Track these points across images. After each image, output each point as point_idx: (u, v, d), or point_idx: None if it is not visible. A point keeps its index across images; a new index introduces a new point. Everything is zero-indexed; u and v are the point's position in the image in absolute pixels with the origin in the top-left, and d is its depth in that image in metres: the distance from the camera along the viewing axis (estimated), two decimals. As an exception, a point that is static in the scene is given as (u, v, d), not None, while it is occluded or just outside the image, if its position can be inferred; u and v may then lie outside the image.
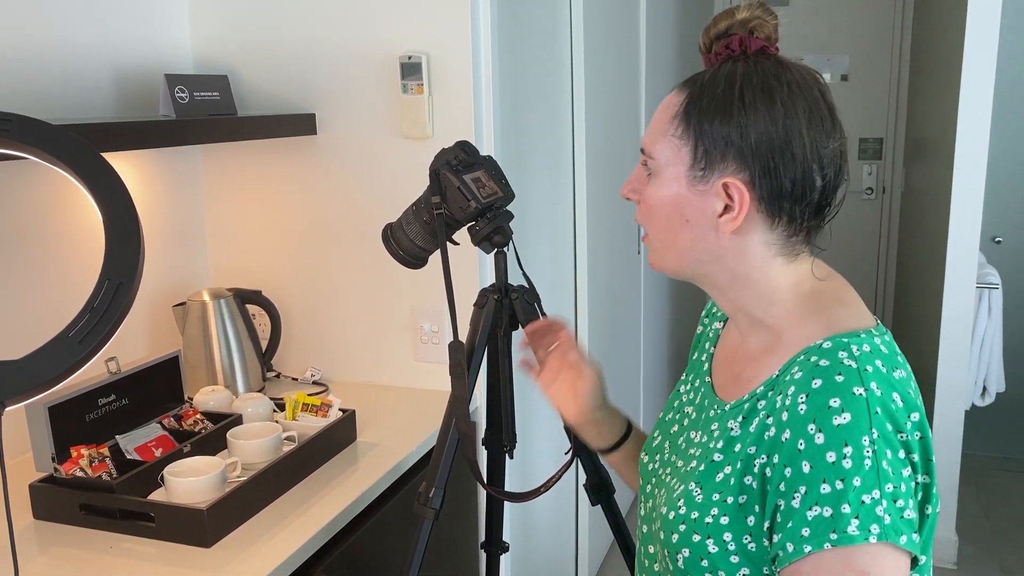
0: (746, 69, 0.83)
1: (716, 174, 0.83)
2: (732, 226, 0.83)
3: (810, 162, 0.81)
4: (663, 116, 0.88)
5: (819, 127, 0.81)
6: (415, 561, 1.29)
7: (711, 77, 0.85)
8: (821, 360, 0.79)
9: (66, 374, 0.93)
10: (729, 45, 0.85)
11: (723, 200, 0.83)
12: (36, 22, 1.56)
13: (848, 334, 0.81)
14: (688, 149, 0.85)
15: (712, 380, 0.97)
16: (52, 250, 1.62)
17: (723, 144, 0.82)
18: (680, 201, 0.86)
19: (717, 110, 0.82)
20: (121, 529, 1.28)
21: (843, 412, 0.75)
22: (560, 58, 2.29)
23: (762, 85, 0.82)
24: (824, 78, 0.86)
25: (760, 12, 0.86)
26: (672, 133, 0.86)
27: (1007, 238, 3.70)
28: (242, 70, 1.89)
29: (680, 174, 0.85)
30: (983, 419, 3.49)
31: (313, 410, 1.58)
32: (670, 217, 0.87)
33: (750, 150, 0.81)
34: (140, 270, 0.98)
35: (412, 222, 1.32)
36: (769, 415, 0.81)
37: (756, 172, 0.81)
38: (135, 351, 1.82)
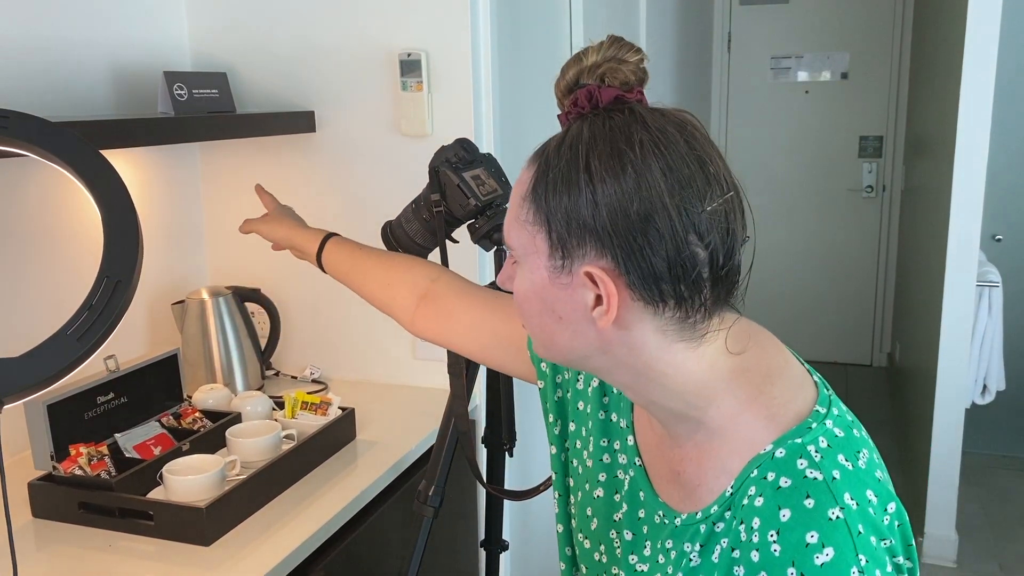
0: (592, 130, 0.69)
1: (576, 262, 0.69)
2: (608, 320, 0.69)
3: (682, 234, 0.67)
4: (515, 196, 0.74)
5: (687, 190, 0.67)
6: (415, 559, 1.29)
7: (557, 145, 0.71)
8: (781, 479, 0.67)
9: (65, 372, 0.93)
10: (576, 101, 0.72)
11: (592, 290, 0.69)
12: (35, 20, 1.56)
13: (798, 430, 0.70)
14: (543, 236, 0.71)
15: (644, 465, 0.83)
16: (50, 248, 1.62)
17: (576, 227, 0.68)
18: (546, 296, 0.73)
19: (564, 186, 0.69)
20: (120, 527, 1.28)
21: (824, 548, 0.64)
22: (559, 56, 2.29)
23: (610, 151, 0.67)
24: (697, 122, 0.72)
25: (614, 52, 0.73)
26: (524, 218, 0.72)
27: (1007, 236, 3.70)
28: (241, 67, 1.88)
29: (540, 265, 0.72)
30: (983, 417, 3.49)
31: (312, 408, 1.57)
32: (541, 312, 0.74)
33: (605, 231, 0.67)
34: (139, 268, 0.98)
35: (411, 220, 1.32)
36: (734, 547, 0.70)
37: (618, 256, 0.67)
38: (134, 349, 1.81)
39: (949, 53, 2.87)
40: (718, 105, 4.86)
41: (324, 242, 1.24)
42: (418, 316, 1.12)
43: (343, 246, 1.23)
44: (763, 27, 4.70)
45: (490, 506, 1.54)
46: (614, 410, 0.88)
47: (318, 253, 1.24)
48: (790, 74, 4.69)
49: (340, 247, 1.23)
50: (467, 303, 1.08)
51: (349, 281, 1.21)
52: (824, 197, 4.75)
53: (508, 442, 1.44)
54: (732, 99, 4.84)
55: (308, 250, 1.25)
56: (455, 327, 1.07)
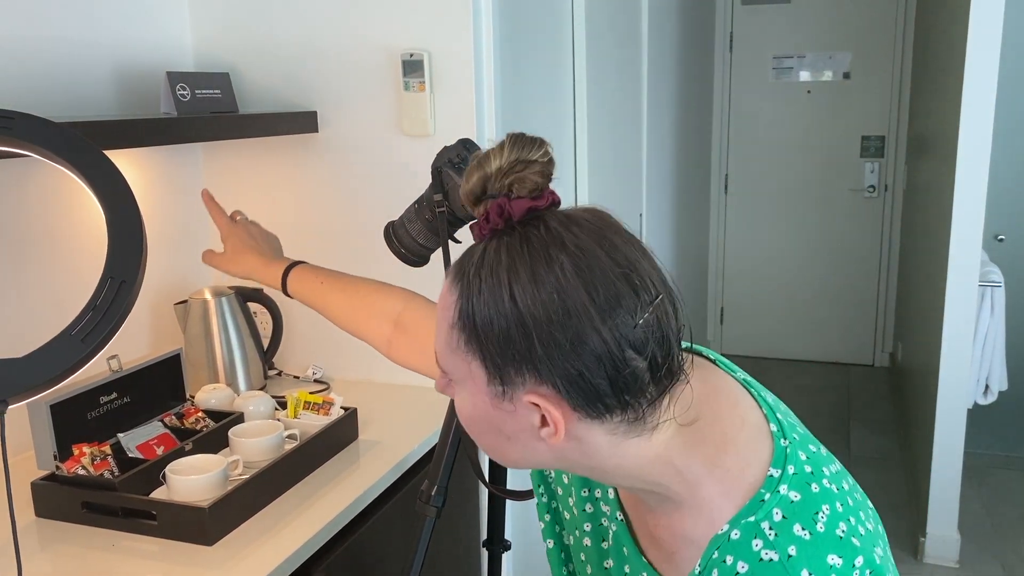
0: (510, 254, 0.66)
1: (518, 389, 0.67)
2: (557, 439, 0.68)
3: (619, 354, 0.65)
4: (442, 322, 0.71)
5: (617, 309, 0.64)
6: (417, 559, 1.29)
7: (476, 268, 0.68)
8: (739, 564, 0.67)
9: (69, 372, 0.93)
10: (489, 218, 0.68)
11: (536, 412, 0.68)
12: (38, 21, 1.56)
13: (751, 506, 0.69)
14: (478, 363, 0.68)
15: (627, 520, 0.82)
16: (54, 248, 1.62)
17: (511, 355, 0.66)
18: (490, 419, 0.71)
19: (491, 316, 0.66)
20: (123, 527, 1.28)
21: None
22: (562, 55, 2.29)
23: (532, 277, 0.65)
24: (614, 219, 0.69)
25: (516, 153, 0.69)
26: (456, 346, 0.70)
27: (1010, 236, 3.69)
28: (243, 68, 1.88)
29: (480, 391, 0.70)
30: (985, 417, 3.49)
31: (315, 408, 1.57)
32: (487, 432, 0.72)
33: (541, 361, 0.65)
34: (143, 268, 0.98)
35: (414, 220, 1.32)
36: None
37: (558, 384, 0.66)
38: (137, 349, 1.82)
39: (951, 52, 2.87)
40: (720, 105, 4.85)
41: (286, 276, 1.21)
42: (393, 348, 1.12)
43: (305, 279, 1.20)
44: (765, 27, 4.70)
45: (492, 506, 1.54)
46: None
47: (283, 288, 1.21)
48: (792, 74, 4.69)
49: (303, 280, 1.20)
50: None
51: (319, 311, 1.19)
52: (826, 197, 4.75)
53: (510, 442, 1.44)
54: (734, 99, 4.84)
55: (272, 286, 1.23)
56: (429, 358, 1.07)
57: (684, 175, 3.94)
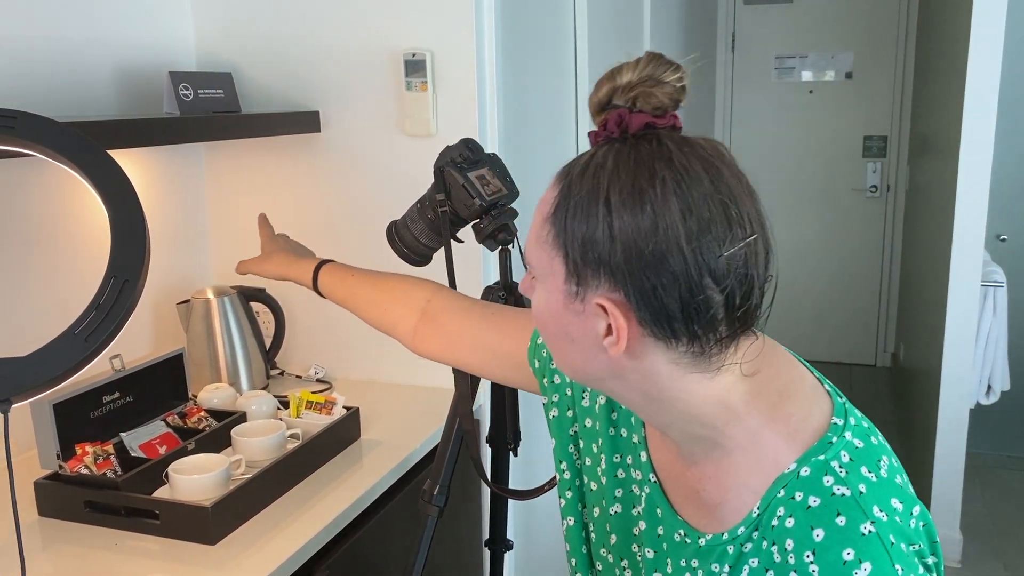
0: (616, 161, 0.67)
1: (590, 292, 0.69)
2: (617, 350, 0.69)
3: (696, 278, 0.65)
4: (537, 216, 0.73)
5: (706, 234, 0.65)
6: (419, 558, 1.29)
7: (581, 169, 0.69)
8: (810, 498, 0.68)
9: (72, 371, 0.93)
10: (606, 125, 0.70)
11: (604, 320, 0.69)
12: (40, 21, 1.56)
13: (820, 446, 0.70)
14: (560, 260, 0.70)
15: (659, 482, 0.82)
16: (58, 247, 1.62)
17: (592, 258, 0.67)
18: (560, 319, 0.72)
19: (583, 215, 0.68)
20: (126, 526, 1.28)
21: (861, 563, 0.65)
22: (564, 55, 2.29)
23: (631, 185, 0.66)
24: (729, 157, 0.69)
25: (650, 71, 0.70)
26: (544, 239, 0.71)
27: (1012, 236, 3.69)
28: (246, 67, 1.89)
29: (557, 288, 0.71)
30: (988, 417, 3.49)
31: (317, 408, 1.58)
32: (556, 334, 0.74)
33: (619, 266, 0.66)
34: (146, 267, 0.98)
35: (416, 220, 1.32)
36: (767, 568, 0.70)
37: (631, 293, 0.67)
38: (139, 349, 1.82)
39: (954, 52, 2.86)
40: (722, 105, 4.85)
41: (316, 272, 1.25)
42: (418, 337, 1.13)
43: (335, 274, 1.23)
44: (767, 27, 4.70)
45: (494, 505, 1.54)
46: (624, 425, 0.87)
47: (313, 285, 1.25)
48: (794, 74, 4.69)
49: (332, 275, 1.23)
50: (465, 320, 1.08)
51: (347, 307, 1.22)
52: (828, 197, 4.74)
53: (512, 441, 1.44)
54: (736, 99, 4.84)
55: (303, 282, 1.27)
56: (456, 345, 1.08)
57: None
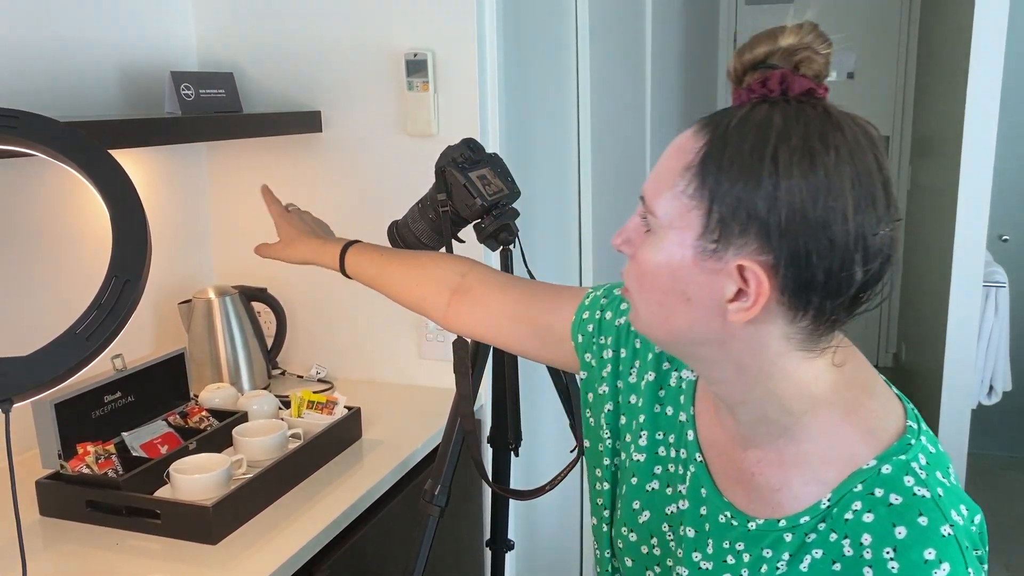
0: (785, 121, 0.65)
1: (731, 251, 0.66)
2: (745, 316, 0.67)
3: (852, 252, 0.64)
4: (673, 163, 0.70)
5: (869, 209, 0.64)
6: (420, 558, 1.29)
7: (739, 123, 0.67)
8: (891, 496, 0.67)
9: (74, 370, 0.93)
10: (767, 83, 0.67)
11: (736, 283, 0.67)
12: (42, 20, 1.57)
13: (899, 446, 0.70)
14: (700, 213, 0.67)
15: (706, 462, 0.81)
16: (59, 247, 1.62)
17: (744, 216, 0.65)
18: (682, 275, 0.69)
19: (742, 171, 0.65)
20: (127, 526, 1.28)
21: (941, 563, 0.65)
22: (565, 54, 2.29)
23: (803, 146, 0.64)
24: (879, 136, 0.68)
25: (812, 39, 0.68)
26: (682, 189, 0.68)
27: (1014, 236, 3.68)
28: (247, 67, 1.89)
29: (686, 242, 0.68)
30: (989, 418, 3.48)
31: (318, 407, 1.58)
32: (669, 291, 0.70)
33: (777, 229, 0.64)
34: (148, 266, 0.98)
35: (418, 220, 1.32)
36: (834, 560, 0.69)
37: (782, 257, 0.65)
38: (140, 348, 1.82)
39: (956, 52, 2.86)
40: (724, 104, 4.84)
41: (343, 253, 1.22)
42: (451, 311, 1.09)
43: (364, 254, 1.21)
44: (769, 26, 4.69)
45: (495, 506, 1.54)
46: (670, 403, 0.86)
47: (340, 266, 1.22)
48: (796, 74, 4.68)
49: (361, 255, 1.21)
50: (502, 295, 1.05)
51: (376, 286, 1.20)
52: (830, 197, 4.73)
53: (514, 442, 1.44)
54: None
55: (330, 266, 1.24)
56: (490, 320, 1.04)
57: (687, 175, 3.94)
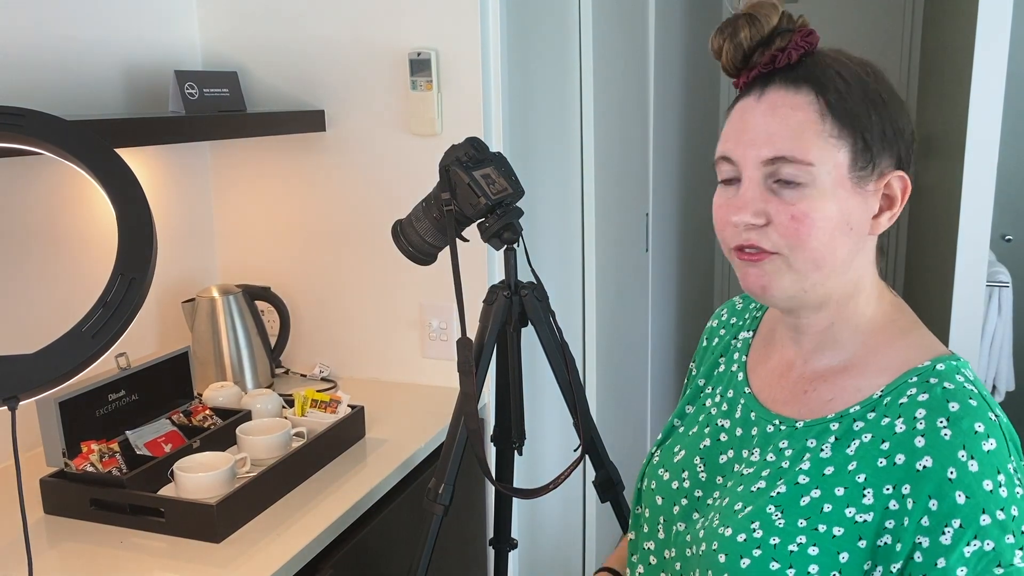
0: (849, 64, 0.81)
1: (877, 171, 0.79)
2: (890, 223, 0.81)
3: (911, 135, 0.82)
4: (805, 119, 0.78)
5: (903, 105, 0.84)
6: (424, 557, 1.29)
7: (836, 74, 0.80)
8: (944, 383, 0.75)
9: (79, 368, 0.93)
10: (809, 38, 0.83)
11: (878, 198, 0.80)
12: (48, 20, 1.57)
13: (951, 357, 0.79)
14: (847, 149, 0.77)
15: (755, 393, 0.90)
16: (65, 245, 1.62)
17: (880, 138, 0.79)
18: (846, 208, 0.78)
19: (869, 105, 0.79)
20: (131, 524, 1.29)
21: (989, 438, 0.72)
22: (569, 54, 2.29)
23: (876, 77, 0.81)
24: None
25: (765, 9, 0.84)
26: (829, 132, 0.77)
27: (1017, 236, 3.68)
28: (251, 66, 1.89)
29: (841, 178, 0.77)
30: (992, 418, 3.47)
31: (322, 406, 1.58)
32: (836, 228, 0.78)
33: (904, 142, 0.81)
34: (153, 265, 0.98)
35: (422, 218, 1.32)
36: (884, 440, 0.75)
37: (908, 161, 0.81)
38: (145, 347, 1.82)
39: (959, 52, 2.86)
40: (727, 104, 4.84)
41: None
42: None
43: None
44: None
45: (499, 504, 1.54)
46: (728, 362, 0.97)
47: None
48: (799, 74, 4.67)
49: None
50: None
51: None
52: (832, 197, 4.72)
53: (517, 440, 1.44)
54: (740, 99, 4.82)
55: None
56: None
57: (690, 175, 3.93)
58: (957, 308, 2.73)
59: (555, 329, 1.33)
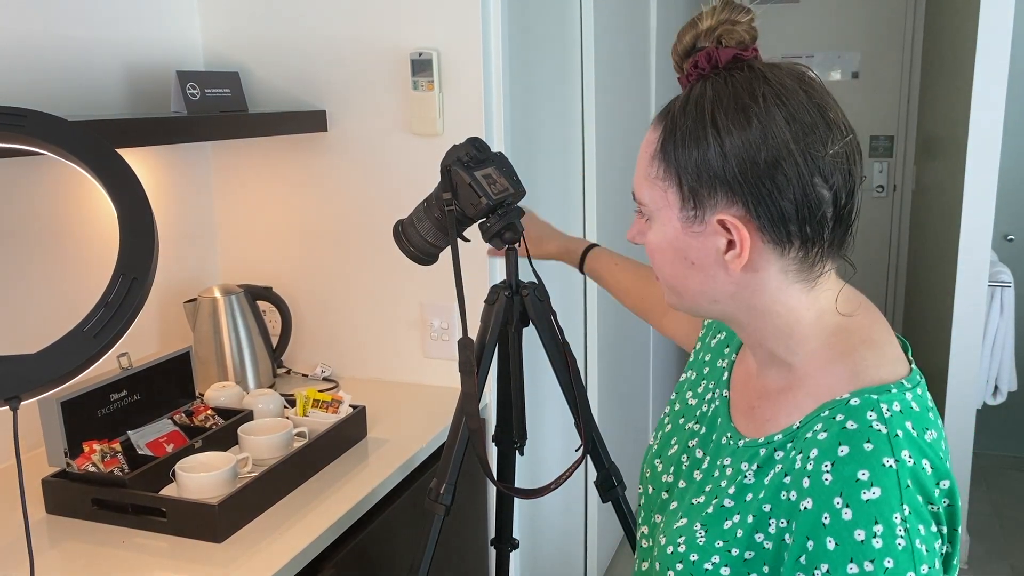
0: (715, 89, 0.75)
1: (708, 211, 0.75)
2: (740, 263, 0.75)
3: (807, 177, 0.72)
4: (643, 157, 0.81)
5: (811, 136, 0.72)
6: (426, 557, 1.29)
7: (682, 105, 0.77)
8: (848, 421, 0.72)
9: (81, 369, 0.93)
10: (697, 64, 0.77)
11: (723, 236, 0.76)
12: (49, 20, 1.57)
13: (877, 389, 0.74)
14: (674, 190, 0.77)
15: (730, 396, 0.91)
16: (66, 245, 1.63)
17: (707, 178, 0.74)
18: (680, 245, 0.79)
19: (692, 142, 0.75)
20: (133, 524, 1.29)
21: (872, 486, 0.69)
22: (570, 55, 2.29)
23: (734, 104, 0.73)
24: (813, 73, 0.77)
25: (727, 14, 0.77)
26: (655, 175, 0.78)
27: (1019, 236, 3.68)
28: (253, 67, 1.89)
29: (672, 217, 0.78)
30: (994, 418, 3.48)
31: (323, 406, 1.58)
32: (674, 262, 0.80)
33: (735, 180, 0.73)
34: (155, 265, 0.98)
35: (423, 219, 1.32)
36: (787, 473, 0.75)
37: (749, 202, 0.73)
38: (146, 347, 1.82)
39: (961, 52, 2.86)
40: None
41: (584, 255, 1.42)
42: (667, 319, 1.25)
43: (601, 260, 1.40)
44: (774, 27, 4.69)
45: (500, 504, 1.54)
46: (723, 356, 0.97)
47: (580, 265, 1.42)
48: (800, 73, 4.67)
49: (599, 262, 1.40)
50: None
51: (609, 287, 1.39)
52: (834, 197, 4.72)
53: (518, 440, 1.44)
54: (742, 98, 4.81)
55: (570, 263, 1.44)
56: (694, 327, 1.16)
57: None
58: (959, 308, 2.73)
59: (556, 329, 1.33)
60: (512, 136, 1.84)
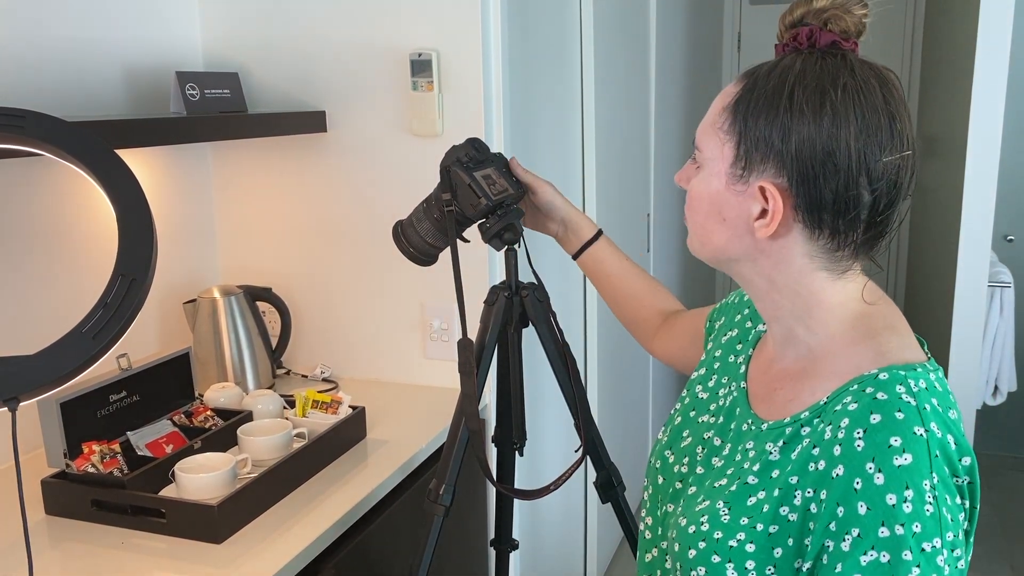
0: (804, 66, 0.77)
1: (754, 175, 0.79)
2: (766, 232, 0.79)
3: (855, 175, 0.75)
4: (716, 107, 0.84)
5: (872, 138, 0.75)
6: (425, 558, 1.29)
7: (767, 71, 0.80)
8: (878, 393, 0.74)
9: (80, 369, 0.93)
10: (797, 36, 0.80)
11: (760, 203, 0.79)
12: (48, 21, 1.57)
13: (904, 366, 0.76)
14: (731, 146, 0.81)
15: (748, 387, 0.92)
16: (65, 246, 1.63)
17: (764, 145, 0.78)
18: (718, 199, 0.82)
19: (764, 108, 0.78)
20: (132, 525, 1.29)
21: (904, 452, 0.71)
22: (570, 55, 2.29)
23: (815, 86, 0.76)
24: (899, 83, 0.80)
25: (844, 2, 0.79)
26: (720, 127, 0.82)
27: (1019, 236, 3.68)
28: (253, 67, 1.89)
29: (721, 171, 0.82)
30: (994, 418, 3.48)
31: (323, 407, 1.58)
32: (708, 213, 0.84)
33: (789, 155, 0.76)
34: (154, 265, 0.98)
35: (423, 219, 1.32)
36: (816, 445, 0.77)
37: (794, 179, 0.77)
38: (146, 348, 1.82)
39: (961, 52, 2.86)
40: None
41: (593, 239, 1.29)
42: (656, 338, 1.25)
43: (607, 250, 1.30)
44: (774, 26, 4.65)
45: (500, 505, 1.54)
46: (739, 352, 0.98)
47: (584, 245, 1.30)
48: (800, 74, 4.66)
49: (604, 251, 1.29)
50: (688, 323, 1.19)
51: (600, 286, 1.31)
52: (834, 197, 4.71)
53: (518, 441, 1.44)
54: (742, 99, 4.81)
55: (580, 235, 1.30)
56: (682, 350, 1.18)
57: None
58: (959, 308, 2.73)
59: (556, 330, 1.33)
60: (511, 136, 1.84)
